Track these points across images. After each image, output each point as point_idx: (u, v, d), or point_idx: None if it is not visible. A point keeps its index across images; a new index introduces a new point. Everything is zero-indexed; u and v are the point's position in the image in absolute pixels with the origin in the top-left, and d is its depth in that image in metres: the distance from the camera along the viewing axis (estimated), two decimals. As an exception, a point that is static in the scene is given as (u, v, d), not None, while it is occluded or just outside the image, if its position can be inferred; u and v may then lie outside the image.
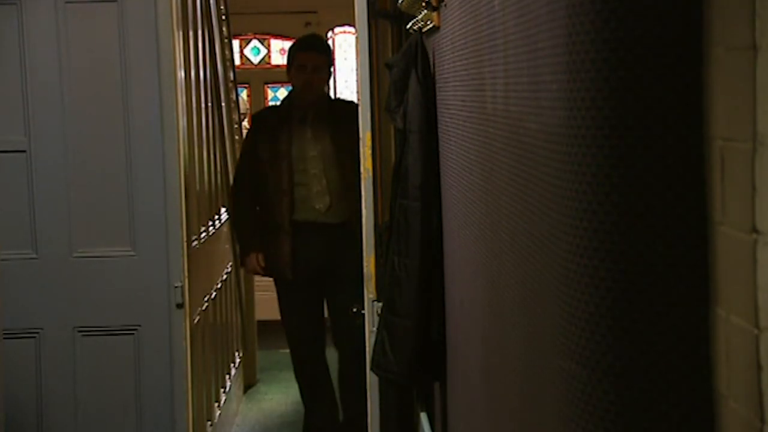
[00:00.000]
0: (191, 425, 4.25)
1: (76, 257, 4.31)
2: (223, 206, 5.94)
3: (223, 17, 6.15)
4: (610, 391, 1.35)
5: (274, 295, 9.19)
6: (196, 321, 4.55)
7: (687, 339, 1.28)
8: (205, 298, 4.96)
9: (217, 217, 5.57)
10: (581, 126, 1.38)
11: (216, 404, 5.26)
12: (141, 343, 4.28)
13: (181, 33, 4.34)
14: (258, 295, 7.85)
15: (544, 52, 1.56)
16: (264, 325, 8.00)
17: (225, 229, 5.93)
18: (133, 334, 4.31)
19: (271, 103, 9.65)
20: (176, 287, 4.24)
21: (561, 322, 1.50)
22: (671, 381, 1.30)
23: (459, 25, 2.63)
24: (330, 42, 9.41)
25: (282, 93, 9.64)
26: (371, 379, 3.76)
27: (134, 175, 4.24)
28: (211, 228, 5.27)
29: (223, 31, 6.10)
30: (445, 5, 2.91)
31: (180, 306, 4.22)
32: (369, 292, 3.70)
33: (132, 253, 4.29)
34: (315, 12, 9.27)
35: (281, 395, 6.91)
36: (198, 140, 4.82)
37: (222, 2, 6.10)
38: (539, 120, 1.62)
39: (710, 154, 1.25)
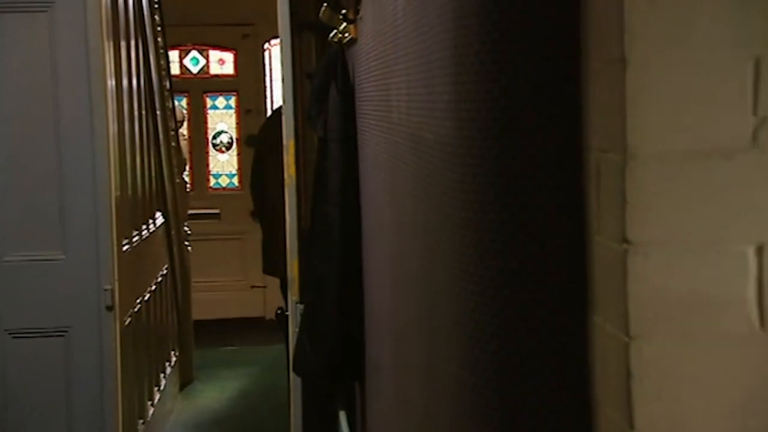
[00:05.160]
0: (121, 424, 4.15)
1: (6, 261, 4.18)
2: (159, 210, 5.83)
3: (159, 28, 6.04)
4: (494, 396, 1.30)
5: (211, 295, 9.13)
6: (127, 323, 4.44)
7: (567, 346, 1.24)
8: (138, 300, 4.85)
9: (151, 221, 5.46)
10: (467, 137, 1.34)
11: (149, 402, 5.15)
12: (71, 344, 4.16)
13: (111, 43, 4.24)
14: (195, 295, 7.74)
15: (436, 64, 1.52)
16: (201, 324, 7.89)
17: (160, 232, 5.82)
18: (63, 336, 4.19)
19: (210, 112, 9.54)
20: (106, 290, 4.13)
21: (451, 330, 1.45)
22: (552, 387, 1.25)
23: (372, 37, 2.58)
24: (266, 54, 9.32)
25: (221, 102, 9.53)
26: (294, 379, 3.69)
27: (65, 180, 4.12)
28: (144, 232, 5.16)
29: (158, 41, 5.99)
30: (361, 18, 2.86)
31: (110, 308, 4.12)
32: (292, 294, 3.63)
33: (62, 256, 4.17)
34: (252, 24, 9.18)
35: (216, 393, 6.82)
36: (130, 146, 4.72)
37: (157, 14, 5.99)
38: (433, 130, 1.57)
39: (588, 165, 1.21)
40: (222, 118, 9.52)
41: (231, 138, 9.53)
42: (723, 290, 1.08)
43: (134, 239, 4.75)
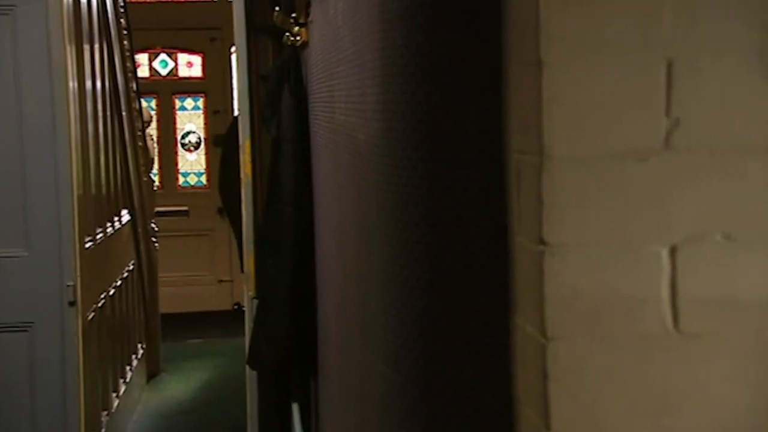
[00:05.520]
0: (83, 417, 4.06)
1: (-30, 257, 4.08)
2: (125, 207, 5.73)
3: (125, 32, 5.94)
4: (418, 395, 1.25)
5: (180, 289, 9.02)
6: (90, 318, 4.35)
7: (490, 347, 1.19)
8: (102, 296, 4.75)
9: (116, 218, 5.37)
10: (393, 138, 1.28)
11: (114, 394, 5.06)
12: (34, 339, 4.07)
13: (74, 45, 4.15)
14: (164, 290, 7.65)
15: (367, 66, 1.46)
16: (170, 318, 7.80)
17: (126, 229, 5.72)
18: (26, 331, 4.09)
19: (179, 113, 9.42)
20: (68, 286, 4.04)
21: (380, 329, 1.40)
22: (475, 387, 1.20)
23: (319, 40, 2.52)
24: (233, 57, 9.22)
25: (189, 103, 9.42)
26: (249, 372, 3.62)
27: (27, 179, 4.03)
28: (109, 229, 5.06)
29: (124, 44, 5.88)
30: (311, 21, 2.80)
31: (72, 304, 4.02)
32: (248, 289, 3.56)
33: (25, 253, 4.08)
34: (219, 29, 9.07)
35: (182, 384, 6.73)
36: (94, 146, 4.62)
37: (123, 17, 5.89)
38: (364, 131, 1.52)
39: (510, 167, 1.16)
40: (190, 118, 9.42)
41: (199, 138, 9.43)
42: (638, 291, 1.03)
43: (98, 236, 4.66)
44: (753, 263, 1.02)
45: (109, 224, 5.07)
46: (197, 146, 9.42)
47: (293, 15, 2.87)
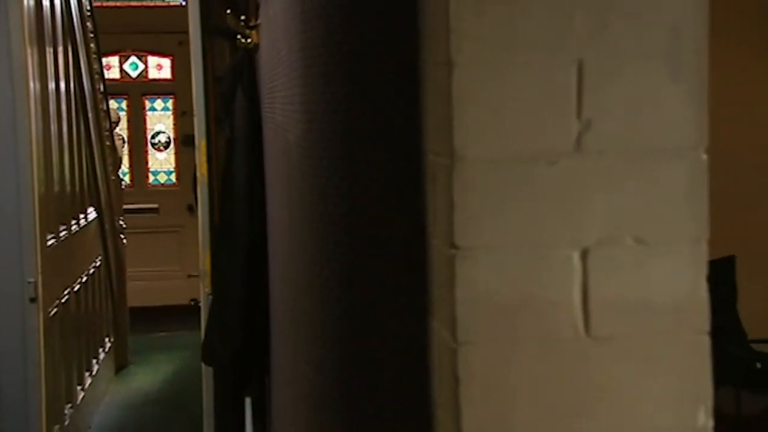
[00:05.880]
0: (44, 410, 3.95)
1: (-68, 256, 3.95)
2: (92, 205, 5.62)
3: (92, 35, 5.82)
4: (337, 396, 1.18)
5: (150, 284, 8.89)
6: (52, 313, 4.24)
7: (409, 350, 1.13)
8: (66, 291, 4.64)
9: (82, 216, 5.25)
10: (314, 138, 1.21)
11: (79, 387, 4.95)
12: (-4, 335, 3.95)
13: (35, 48, 4.04)
14: (135, 284, 7.54)
15: (293, 66, 1.39)
16: (140, 311, 7.69)
17: (93, 226, 5.61)
18: (-12, 327, 3.97)
19: (149, 114, 9.29)
20: (29, 283, 3.92)
21: (304, 329, 1.33)
22: (394, 390, 1.14)
23: (266, 41, 2.45)
24: (201, 59, 9.09)
25: (159, 104, 9.29)
26: (205, 368, 3.54)
27: (-12, 178, 3.91)
28: (74, 226, 4.95)
29: (91, 47, 5.76)
30: (260, 23, 2.72)
31: (33, 300, 3.91)
32: (205, 286, 3.48)
33: (-13, 251, 3.96)
34: (188, 32, 8.92)
35: (150, 375, 6.63)
36: (57, 146, 4.50)
37: (90, 21, 5.77)
38: (293, 132, 1.45)
39: (426, 168, 1.09)
40: (160, 119, 9.29)
41: (169, 138, 9.30)
42: (549, 295, 0.97)
43: (61, 233, 4.55)
44: (663, 267, 0.96)
45: (74, 222, 4.96)
46: (167, 146, 9.30)
47: (242, 18, 2.79)
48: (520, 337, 0.97)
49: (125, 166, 8.83)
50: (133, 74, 9.22)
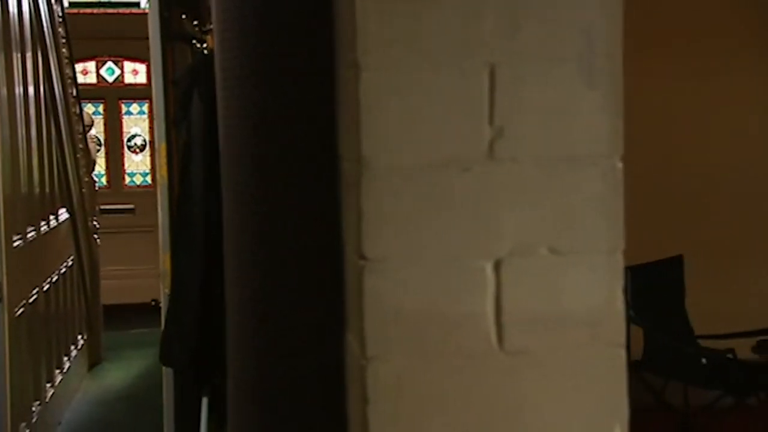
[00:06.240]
0: (9, 408, 3.82)
1: None
2: (63, 206, 5.49)
3: (63, 40, 5.68)
4: (254, 409, 1.10)
5: (125, 282, 8.75)
6: (19, 313, 4.11)
7: (325, 365, 1.04)
8: (34, 291, 4.51)
9: (53, 217, 5.12)
10: (233, 144, 1.13)
11: (48, 384, 4.81)
12: (-39, 335, 3.82)
13: (2, 55, 3.90)
14: (110, 282, 7.41)
15: (218, 69, 1.30)
16: (115, 309, 7.55)
17: (64, 227, 5.48)
18: (-47, 328, 3.84)
19: (125, 117, 9.15)
20: (-5, 283, 3.79)
21: (228, 338, 1.24)
22: (310, 403, 1.05)
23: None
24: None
25: (135, 108, 9.14)
26: (165, 368, 3.43)
27: (-47, 181, 3.77)
28: (44, 227, 4.81)
29: (62, 52, 5.62)
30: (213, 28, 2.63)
31: (-1, 300, 3.78)
32: (165, 287, 3.37)
33: (-48, 252, 3.82)
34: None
35: (122, 372, 6.48)
36: (26, 149, 4.37)
37: (61, 27, 5.63)
38: (221, 136, 1.36)
39: (342, 175, 1.01)
40: (136, 122, 9.15)
41: (144, 140, 9.16)
42: (461, 307, 0.89)
43: (29, 234, 4.41)
44: (578, 278, 0.89)
45: (43, 223, 4.82)
46: (142, 148, 9.17)
47: (195, 22, 2.69)
48: (432, 352, 0.89)
49: (102, 168, 8.71)
50: (110, 79, 9.09)
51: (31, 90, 4.58)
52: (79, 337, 6.00)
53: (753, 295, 4.38)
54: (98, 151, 8.43)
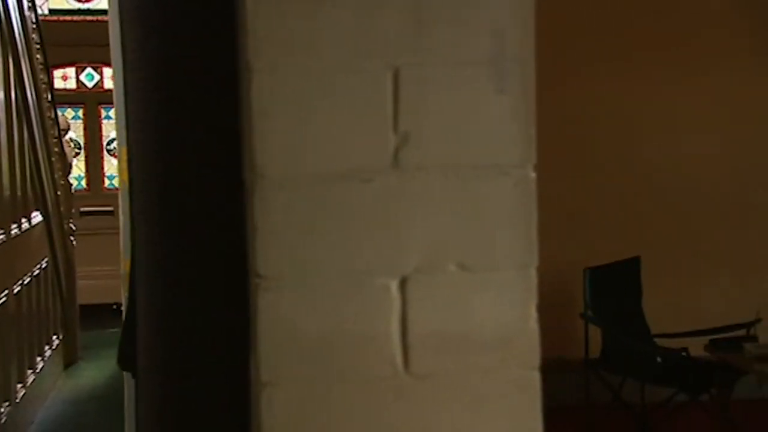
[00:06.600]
0: (-26, 410, 3.69)
1: None
2: (37, 209, 5.34)
3: (38, 46, 5.53)
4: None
5: (104, 282, 8.59)
6: (-13, 315, 3.97)
7: (230, 392, 0.93)
8: (4, 293, 4.36)
9: (25, 220, 4.97)
10: (134, 158, 1.02)
11: (20, 385, 4.67)
12: (-73, 337, 3.68)
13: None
14: (89, 282, 7.26)
15: (129, 68, 1.19)
16: (93, 308, 7.40)
17: (38, 229, 5.33)
18: None
19: (104, 122, 8.99)
20: (-39, 286, 3.66)
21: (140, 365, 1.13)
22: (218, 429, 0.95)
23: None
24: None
25: (114, 113, 9.01)
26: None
27: None
28: (15, 230, 4.67)
29: (37, 58, 5.48)
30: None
31: (-35, 303, 3.65)
32: (125, 290, 3.25)
33: None
34: (141, 45, 8.65)
35: (98, 371, 6.33)
36: (-6, 152, 4.24)
37: (35, 33, 5.48)
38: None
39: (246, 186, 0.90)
40: (115, 127, 8.98)
41: (124, 144, 8.99)
42: (364, 329, 0.79)
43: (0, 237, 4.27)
44: (488, 296, 0.79)
45: (14, 225, 4.68)
46: (122, 152, 9.00)
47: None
48: (332, 375, 0.79)
49: (82, 171, 8.55)
50: (89, 84, 8.93)
51: (1, 95, 4.44)
52: (55, 337, 5.85)
53: (705, 296, 4.31)
54: (77, 154, 8.28)
